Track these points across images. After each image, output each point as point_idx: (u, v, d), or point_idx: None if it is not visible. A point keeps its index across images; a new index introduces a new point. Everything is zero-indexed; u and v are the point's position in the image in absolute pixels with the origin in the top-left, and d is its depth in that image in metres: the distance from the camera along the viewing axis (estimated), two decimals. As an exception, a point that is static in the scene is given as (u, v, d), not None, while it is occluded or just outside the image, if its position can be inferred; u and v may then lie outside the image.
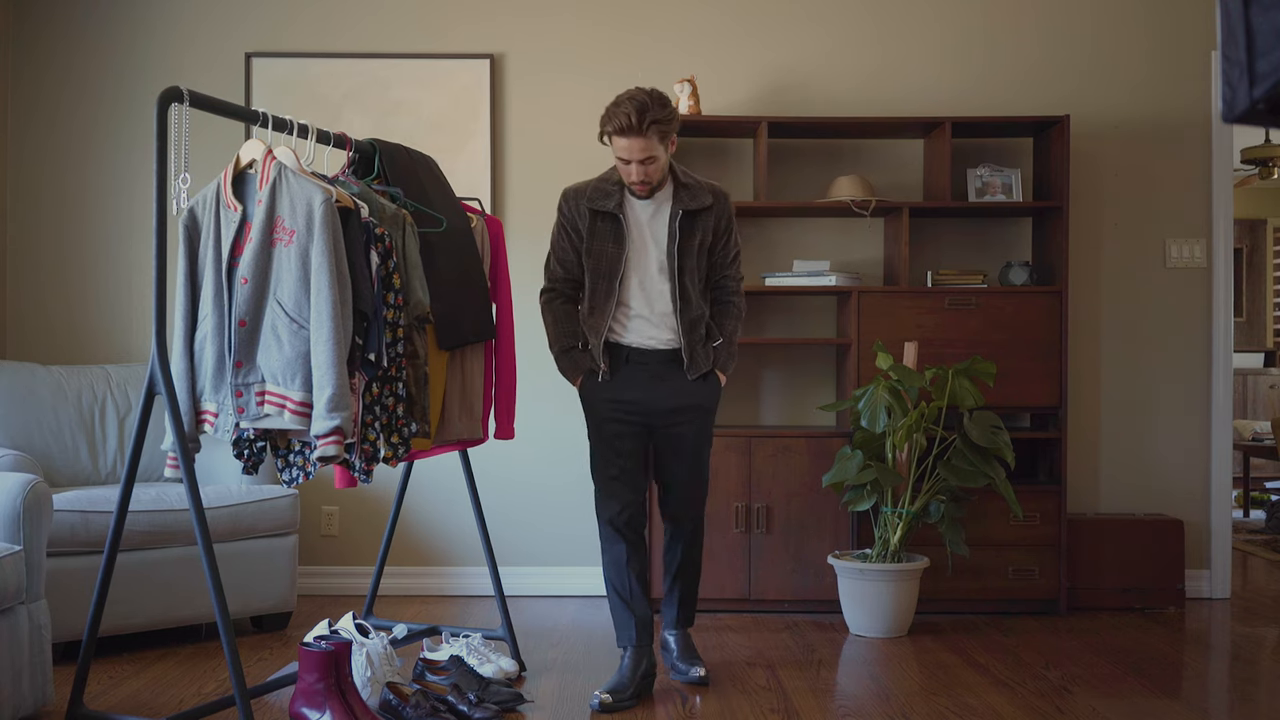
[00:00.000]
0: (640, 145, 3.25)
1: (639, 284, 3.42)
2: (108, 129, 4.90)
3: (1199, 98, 4.91)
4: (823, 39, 4.93)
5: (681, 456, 3.50)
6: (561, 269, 3.50)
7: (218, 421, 3.00)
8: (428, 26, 4.92)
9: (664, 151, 3.31)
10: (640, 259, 3.42)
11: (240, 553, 4.06)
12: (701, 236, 3.43)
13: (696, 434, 3.50)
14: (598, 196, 3.41)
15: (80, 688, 3.01)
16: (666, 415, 3.45)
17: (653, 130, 3.23)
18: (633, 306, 3.43)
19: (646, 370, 3.44)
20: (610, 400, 3.45)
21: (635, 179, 3.32)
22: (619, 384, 3.44)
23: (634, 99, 3.25)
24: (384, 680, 3.19)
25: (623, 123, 3.23)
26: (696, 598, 3.70)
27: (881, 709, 3.30)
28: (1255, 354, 9.92)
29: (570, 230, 3.46)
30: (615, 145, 3.30)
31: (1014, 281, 4.67)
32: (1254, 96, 1.20)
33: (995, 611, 4.57)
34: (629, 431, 3.45)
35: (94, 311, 4.89)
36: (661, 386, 3.44)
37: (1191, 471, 4.92)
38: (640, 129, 3.23)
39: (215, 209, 3.02)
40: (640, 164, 3.29)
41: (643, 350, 3.44)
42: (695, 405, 3.47)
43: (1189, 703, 3.43)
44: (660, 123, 3.24)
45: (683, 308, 3.42)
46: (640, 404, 3.44)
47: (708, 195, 3.44)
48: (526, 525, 4.89)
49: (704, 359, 3.46)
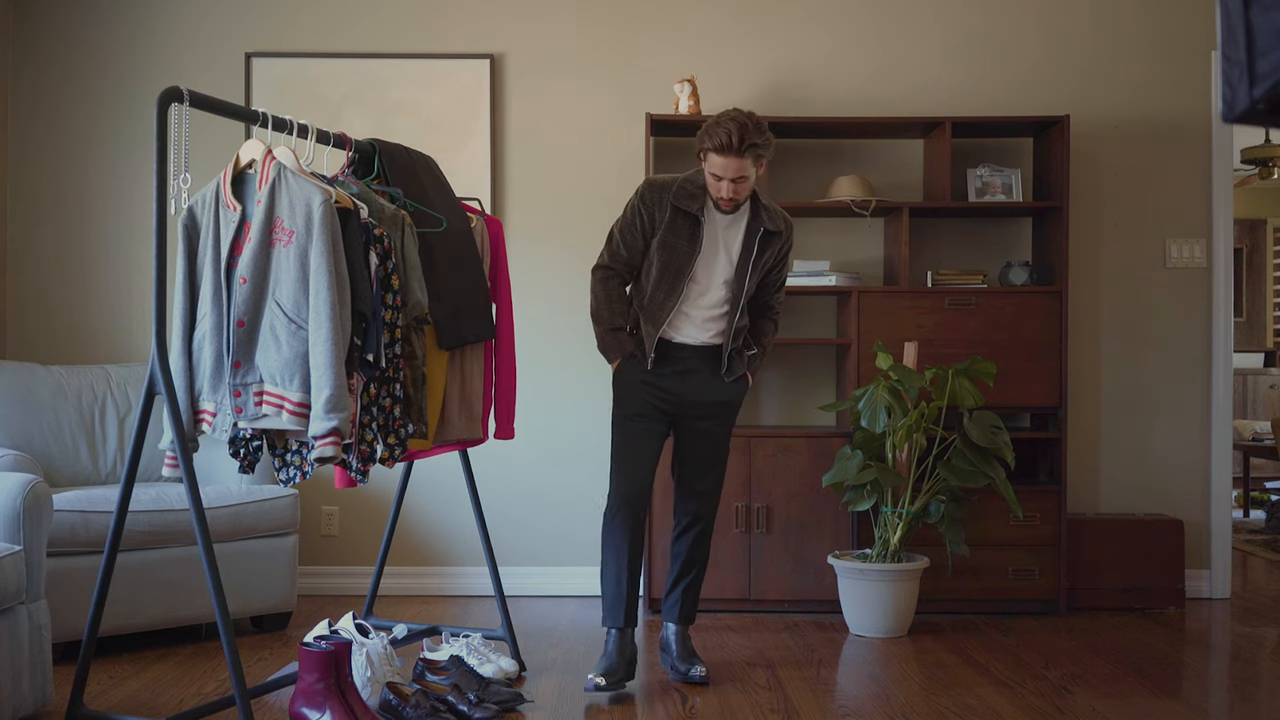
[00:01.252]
0: (735, 165, 3.36)
1: (699, 286, 3.54)
2: (108, 129, 4.90)
3: (1199, 98, 4.91)
4: (823, 39, 4.93)
5: (704, 451, 3.62)
6: (625, 252, 3.58)
7: (216, 421, 3.00)
8: (428, 26, 4.92)
9: (755, 173, 3.43)
10: (708, 264, 3.53)
11: (240, 553, 4.06)
12: (769, 258, 3.59)
13: (721, 430, 3.63)
14: (683, 195, 3.51)
15: (80, 688, 3.00)
16: (696, 408, 3.58)
17: (749, 153, 3.35)
18: (686, 305, 3.54)
19: (684, 364, 3.56)
20: (648, 384, 3.55)
21: (725, 195, 3.42)
22: (657, 372, 3.55)
23: (735, 119, 3.36)
24: (384, 680, 3.19)
25: (722, 141, 3.34)
26: (699, 595, 3.74)
27: (881, 709, 3.30)
28: (1255, 354, 9.92)
29: (646, 218, 3.54)
30: (710, 162, 3.40)
31: (1014, 281, 4.67)
32: (1254, 96, 1.20)
33: (995, 611, 4.57)
34: (657, 418, 3.56)
35: (94, 311, 4.89)
36: (695, 380, 3.57)
37: (1191, 471, 4.92)
38: (739, 150, 3.34)
39: (215, 209, 3.02)
40: (732, 182, 3.40)
41: (683, 345, 3.56)
42: (725, 401, 3.61)
43: (1189, 703, 3.43)
44: (758, 147, 3.37)
45: (733, 315, 3.55)
46: (675, 394, 3.55)
47: (782, 222, 3.60)
48: (526, 525, 4.89)
49: (739, 364, 3.60)
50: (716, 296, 3.55)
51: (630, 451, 3.55)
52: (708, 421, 3.61)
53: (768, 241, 3.57)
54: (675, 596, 3.69)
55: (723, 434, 3.65)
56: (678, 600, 3.69)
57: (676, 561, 3.69)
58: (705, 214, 3.51)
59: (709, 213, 3.52)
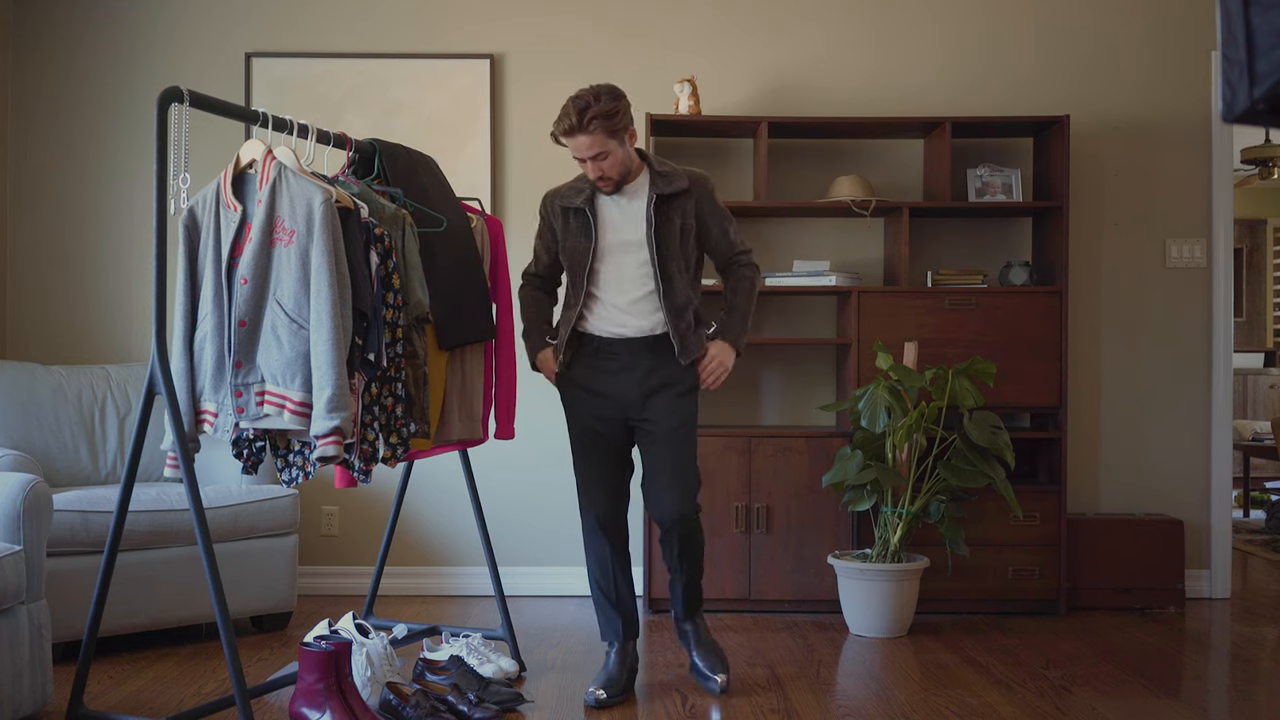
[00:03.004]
0: (586, 143, 3.24)
1: (609, 274, 3.38)
2: (108, 129, 4.90)
3: (1199, 98, 4.91)
4: (823, 39, 4.93)
5: (656, 443, 3.38)
6: (535, 266, 3.59)
7: (217, 421, 3.00)
8: (428, 26, 4.92)
9: (617, 145, 3.28)
10: (612, 250, 3.39)
11: (240, 553, 4.06)
12: (682, 221, 3.40)
13: (669, 418, 3.37)
14: (570, 194, 3.45)
15: (80, 688, 3.01)
16: (638, 404, 3.39)
17: (596, 125, 3.21)
18: (602, 297, 3.40)
19: (617, 360, 3.39)
20: (583, 389, 3.43)
21: (593, 176, 3.33)
22: (590, 373, 3.42)
23: (577, 99, 3.25)
24: (384, 680, 3.19)
25: (566, 124, 3.25)
26: (700, 589, 3.57)
27: (881, 709, 3.30)
28: (1255, 354, 9.92)
29: (547, 228, 3.52)
30: (569, 146, 3.30)
31: (1014, 281, 4.67)
32: (1254, 96, 1.20)
33: (995, 611, 4.57)
34: (602, 425, 3.41)
35: (94, 311, 4.89)
36: (630, 374, 3.39)
37: (1191, 471, 4.92)
38: (582, 127, 3.21)
39: (215, 209, 3.02)
40: (593, 161, 3.28)
41: (613, 340, 3.40)
42: (664, 386, 3.38)
43: (1189, 703, 3.43)
44: (602, 117, 3.21)
45: (666, 292, 3.36)
46: (611, 394, 3.40)
47: (683, 180, 3.40)
48: (526, 525, 4.89)
49: (695, 344, 3.38)
50: (636, 279, 3.36)
51: (583, 472, 3.44)
52: (651, 412, 3.38)
53: (667, 205, 3.37)
54: (676, 597, 3.57)
55: (673, 424, 3.37)
56: (679, 601, 3.56)
57: (668, 565, 3.52)
58: (596, 204, 3.39)
59: (600, 202, 3.40)
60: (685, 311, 3.39)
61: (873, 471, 4.18)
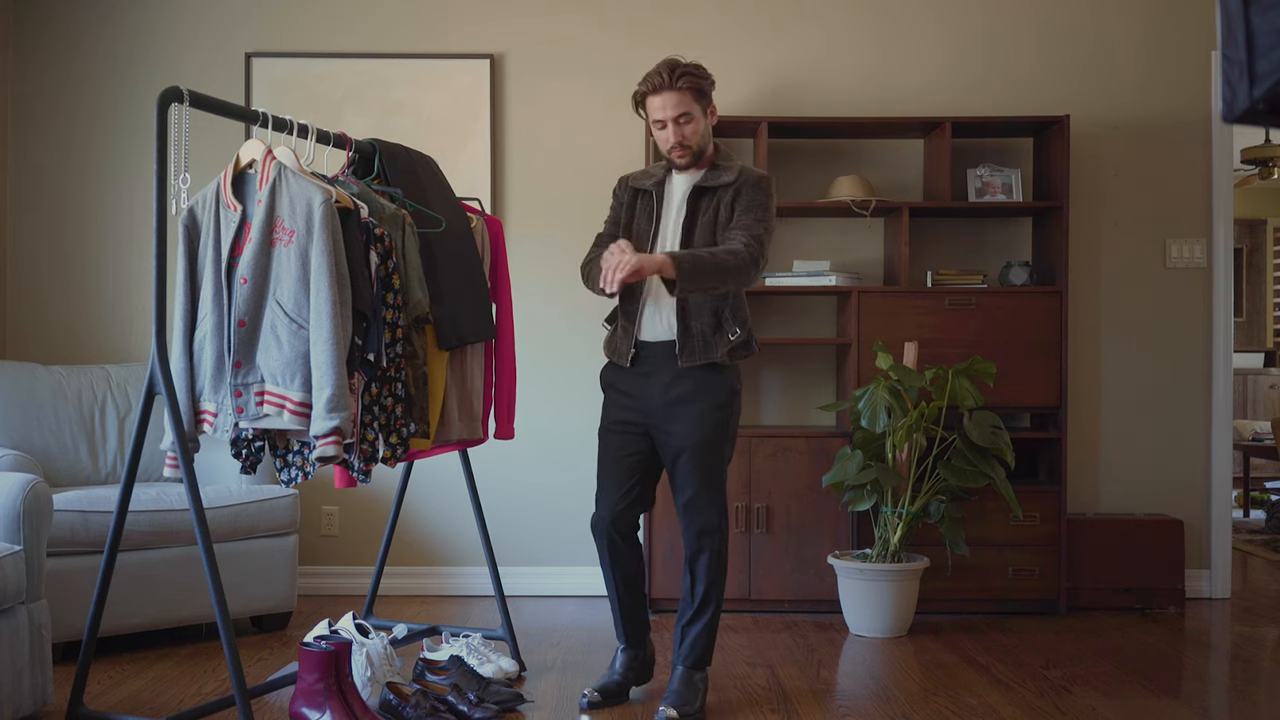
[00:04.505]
0: (674, 100, 3.11)
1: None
2: (108, 129, 4.90)
3: (1199, 98, 4.91)
4: (823, 39, 4.93)
5: (676, 457, 3.19)
6: (594, 250, 3.38)
7: (217, 421, 3.00)
8: (428, 26, 4.92)
9: (700, 113, 3.15)
10: (666, 243, 3.23)
11: (240, 553, 4.06)
12: (716, 214, 3.19)
13: (688, 432, 3.16)
14: (642, 177, 3.33)
15: (80, 688, 3.01)
16: (660, 412, 3.20)
17: (685, 83, 3.10)
18: (649, 291, 3.22)
19: (648, 364, 3.23)
20: (613, 389, 3.33)
21: (673, 140, 3.16)
22: (622, 374, 3.29)
23: (666, 60, 3.16)
24: (384, 680, 3.19)
25: (655, 81, 3.12)
26: (709, 636, 3.24)
27: (881, 709, 3.30)
28: (1255, 354, 9.92)
29: (616, 208, 3.38)
30: (650, 109, 3.16)
31: (1014, 281, 4.67)
32: (1254, 96, 1.20)
33: (995, 611, 4.57)
34: (621, 429, 3.27)
35: (94, 311, 4.89)
36: (654, 381, 3.21)
37: (1191, 471, 4.92)
38: (671, 83, 3.10)
39: (215, 209, 3.02)
40: (675, 123, 3.13)
41: (648, 343, 3.23)
42: (684, 396, 3.17)
43: (1189, 703, 3.43)
44: (692, 75, 3.11)
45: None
46: (636, 399, 3.24)
47: (732, 173, 3.20)
48: (526, 525, 4.89)
49: (700, 348, 3.17)
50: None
51: (603, 469, 3.30)
52: (672, 424, 3.18)
53: (702, 197, 3.20)
54: (678, 633, 3.27)
55: (693, 439, 3.15)
56: (678, 638, 3.26)
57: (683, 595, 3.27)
58: (665, 188, 3.26)
59: (669, 186, 3.26)
60: (703, 310, 3.18)
61: (873, 471, 4.18)
